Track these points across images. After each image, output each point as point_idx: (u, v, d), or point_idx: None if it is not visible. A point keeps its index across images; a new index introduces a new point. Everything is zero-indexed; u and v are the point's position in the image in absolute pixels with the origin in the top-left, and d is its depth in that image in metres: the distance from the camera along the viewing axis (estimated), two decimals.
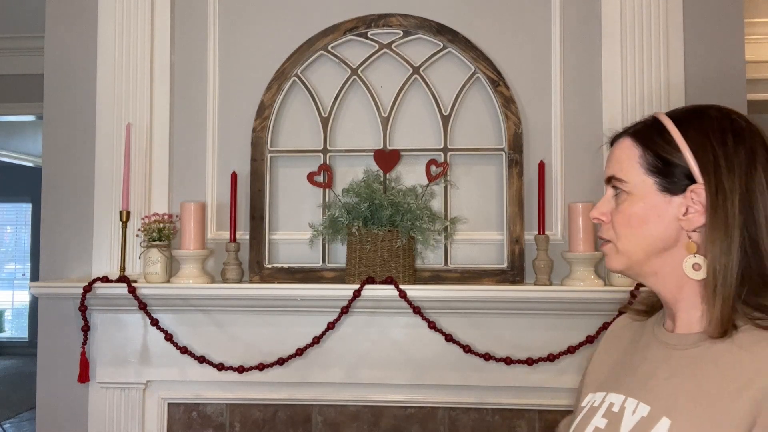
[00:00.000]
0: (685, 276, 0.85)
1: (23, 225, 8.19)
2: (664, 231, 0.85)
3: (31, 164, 7.02)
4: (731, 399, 0.75)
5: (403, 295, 1.72)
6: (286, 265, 1.90)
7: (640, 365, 0.89)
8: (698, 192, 0.82)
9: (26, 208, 8.09)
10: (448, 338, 1.76)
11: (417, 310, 1.74)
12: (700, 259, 0.83)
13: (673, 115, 0.90)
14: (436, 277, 1.86)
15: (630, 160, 0.89)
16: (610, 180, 0.92)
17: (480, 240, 1.89)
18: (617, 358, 0.96)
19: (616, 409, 0.87)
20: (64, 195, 1.99)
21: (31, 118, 3.79)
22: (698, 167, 0.83)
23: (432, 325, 1.75)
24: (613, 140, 0.96)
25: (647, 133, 0.90)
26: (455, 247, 1.90)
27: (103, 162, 1.96)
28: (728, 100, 1.87)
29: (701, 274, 0.82)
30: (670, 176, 0.85)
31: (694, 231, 0.83)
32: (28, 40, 3.29)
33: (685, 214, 0.84)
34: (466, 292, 1.76)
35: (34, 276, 7.10)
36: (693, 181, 0.83)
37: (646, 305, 0.98)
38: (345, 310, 1.75)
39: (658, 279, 0.88)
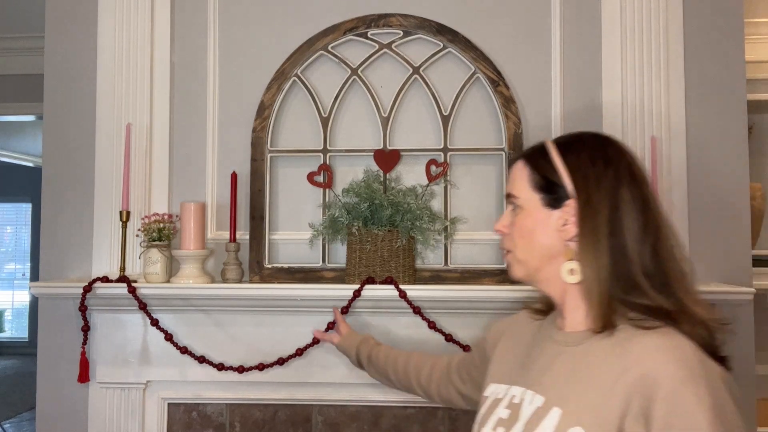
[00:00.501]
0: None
1: (23, 225, 8.19)
2: (549, 241, 0.98)
3: (31, 164, 7.02)
4: (610, 387, 0.87)
5: (403, 295, 1.72)
6: (286, 265, 1.90)
7: (537, 360, 1.01)
8: (572, 206, 0.96)
9: (26, 208, 8.09)
10: (448, 338, 1.76)
11: (417, 310, 1.74)
12: (574, 265, 0.95)
13: (558, 141, 1.03)
14: (436, 277, 1.86)
15: (521, 179, 1.02)
16: (508, 196, 1.05)
17: (480, 240, 1.89)
18: (519, 353, 1.07)
19: (516, 400, 0.98)
20: (64, 195, 1.99)
21: (31, 118, 3.79)
22: (572, 185, 0.96)
23: (432, 325, 1.74)
24: (511, 163, 1.10)
25: (535, 157, 1.02)
26: (455, 247, 1.90)
27: (103, 162, 1.96)
28: (728, 100, 1.87)
29: (576, 278, 0.95)
30: (552, 193, 0.98)
31: (570, 240, 0.96)
32: (28, 40, 3.29)
33: (564, 225, 0.97)
34: (466, 292, 1.76)
35: (34, 276, 7.11)
36: (569, 197, 0.96)
37: (545, 305, 1.09)
38: (345, 310, 1.75)
39: (549, 284, 1.01)
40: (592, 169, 0.96)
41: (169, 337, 1.82)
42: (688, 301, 0.90)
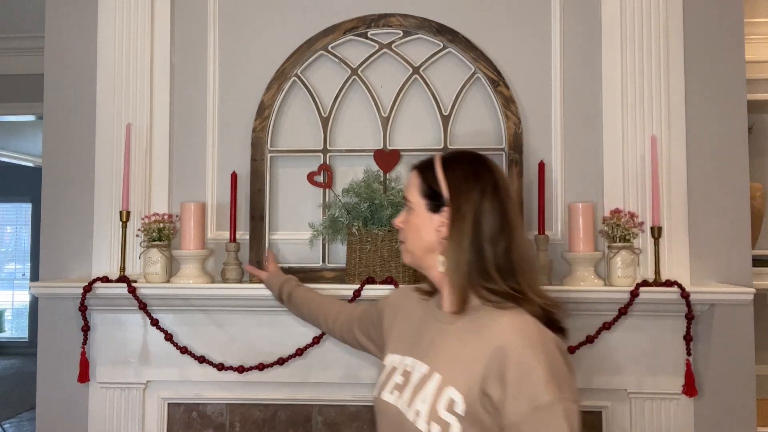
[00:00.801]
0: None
1: (23, 225, 8.18)
2: (430, 237, 1.22)
3: (31, 164, 7.01)
4: (475, 357, 1.11)
5: None
6: (286, 265, 1.90)
7: (425, 335, 1.24)
8: (447, 212, 1.19)
9: (26, 208, 8.09)
10: None
11: None
12: (443, 258, 1.20)
13: (443, 157, 1.25)
14: None
15: (414, 186, 1.25)
16: (404, 199, 1.27)
17: None
18: (412, 329, 1.29)
19: (409, 369, 1.21)
20: (64, 195, 1.99)
21: (31, 118, 3.78)
22: (448, 196, 1.20)
23: None
24: (411, 170, 1.29)
25: (425, 169, 1.25)
26: None
27: (103, 162, 1.96)
28: (728, 100, 1.87)
29: (442, 268, 1.20)
30: (434, 200, 1.21)
31: (444, 239, 1.19)
32: (28, 40, 3.29)
33: (440, 227, 1.20)
34: None
35: (34, 276, 7.09)
36: (445, 205, 1.20)
37: (430, 287, 1.31)
38: None
39: (431, 271, 1.24)
40: (464, 184, 1.20)
41: (169, 337, 1.82)
42: (529, 289, 1.15)
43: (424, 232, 1.23)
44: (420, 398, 1.14)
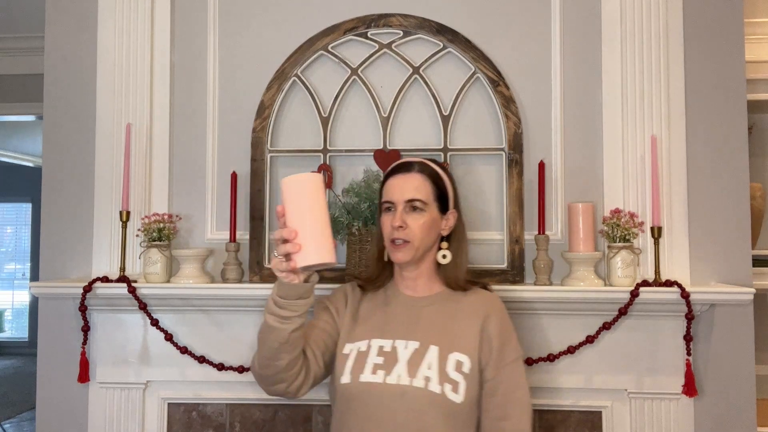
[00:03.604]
0: (436, 261, 1.46)
1: (23, 225, 8.19)
2: (435, 236, 1.44)
3: (31, 164, 7.02)
4: (471, 321, 1.39)
5: None
6: None
7: (396, 318, 1.41)
8: (452, 214, 1.46)
9: (26, 208, 8.09)
10: None
11: None
12: (447, 252, 1.45)
13: (441, 167, 1.49)
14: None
15: (426, 189, 1.43)
16: (411, 201, 1.40)
17: (480, 240, 1.89)
18: (367, 316, 1.43)
19: (387, 349, 1.35)
20: (64, 195, 1.99)
21: (31, 118, 3.79)
22: (453, 200, 1.47)
23: None
24: (401, 172, 1.45)
25: (433, 175, 1.45)
26: None
27: (103, 162, 1.96)
28: (728, 100, 1.87)
29: (448, 260, 1.44)
30: (442, 203, 1.44)
31: (444, 237, 1.46)
32: (28, 40, 3.30)
33: (444, 227, 1.45)
34: None
35: (34, 276, 7.11)
36: (448, 208, 1.46)
37: (363, 281, 1.51)
38: None
39: (422, 264, 1.44)
40: (456, 191, 1.50)
41: (169, 337, 1.83)
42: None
43: (434, 231, 1.43)
44: (424, 367, 1.32)
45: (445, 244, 1.46)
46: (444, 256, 1.45)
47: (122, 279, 1.82)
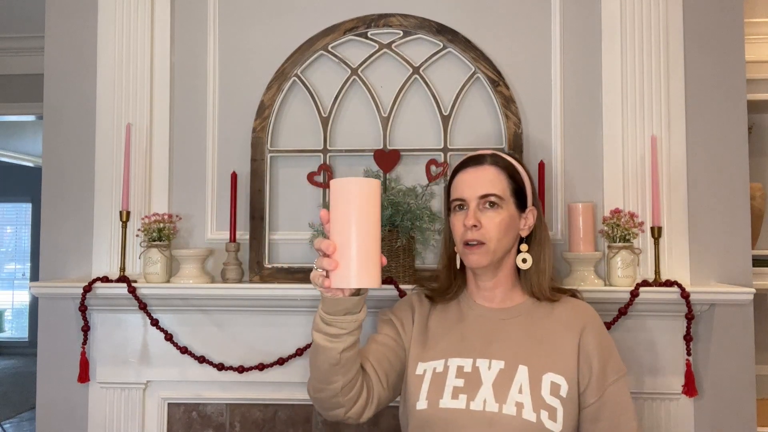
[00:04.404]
0: (516, 267, 1.29)
1: (23, 225, 8.19)
2: (514, 236, 1.28)
3: (31, 164, 7.02)
4: (565, 336, 1.21)
5: (402, 295, 1.72)
6: (286, 265, 1.90)
7: (474, 334, 1.23)
8: (533, 211, 1.29)
9: (26, 208, 8.09)
10: None
11: None
12: (527, 255, 1.27)
13: (515, 158, 1.34)
14: (436, 277, 1.85)
15: (501, 184, 1.28)
16: (487, 196, 1.26)
17: None
18: (441, 332, 1.26)
19: (468, 369, 1.17)
20: (64, 195, 1.99)
21: (31, 118, 3.79)
22: (531, 196, 1.30)
23: None
24: (471, 165, 1.31)
25: (508, 167, 1.30)
26: None
27: (103, 162, 1.96)
28: (728, 100, 1.87)
29: (528, 265, 1.27)
30: (520, 199, 1.28)
31: (525, 238, 1.28)
32: (28, 40, 3.30)
33: (524, 226, 1.28)
34: None
35: (34, 276, 7.11)
36: (527, 205, 1.29)
37: (432, 292, 1.36)
38: None
39: (500, 271, 1.27)
40: (533, 187, 1.32)
41: (169, 337, 1.83)
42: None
43: (513, 231, 1.26)
44: (514, 391, 1.14)
45: (525, 247, 1.29)
46: (524, 260, 1.27)
47: (122, 279, 1.82)
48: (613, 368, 1.21)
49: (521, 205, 1.28)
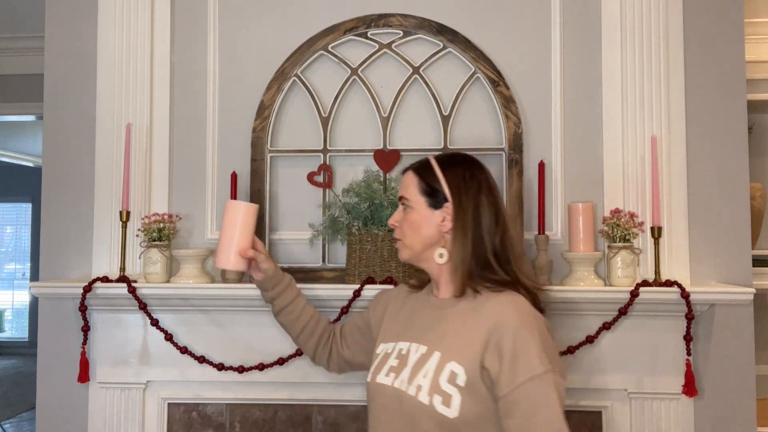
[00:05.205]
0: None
1: (23, 225, 8.19)
2: (430, 232, 1.33)
3: (31, 164, 7.02)
4: (476, 331, 1.24)
5: None
6: (286, 265, 1.90)
7: (419, 321, 1.36)
8: (449, 208, 1.31)
9: (26, 208, 8.09)
10: None
11: None
12: (444, 251, 1.32)
13: (438, 158, 1.37)
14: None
15: (411, 186, 1.35)
16: (401, 198, 1.37)
17: None
18: (403, 317, 1.40)
19: (404, 351, 1.31)
20: (64, 195, 1.99)
21: (31, 118, 3.79)
22: (449, 192, 1.31)
23: None
24: (404, 172, 1.40)
25: (422, 169, 1.36)
26: None
27: (103, 162, 1.96)
28: (728, 100, 1.87)
29: (445, 260, 1.32)
30: (433, 197, 1.32)
31: (446, 233, 1.32)
32: (28, 40, 3.29)
33: (442, 221, 1.32)
34: None
35: (34, 276, 7.11)
36: (446, 200, 1.31)
37: (418, 281, 1.46)
38: (345, 310, 1.75)
39: (429, 264, 1.35)
40: (463, 182, 1.32)
41: (169, 337, 1.83)
42: (521, 275, 1.30)
43: (425, 227, 1.34)
44: (421, 374, 1.24)
45: (442, 242, 1.32)
46: (441, 255, 1.31)
47: (122, 279, 1.82)
48: (526, 366, 1.17)
49: (435, 203, 1.33)
